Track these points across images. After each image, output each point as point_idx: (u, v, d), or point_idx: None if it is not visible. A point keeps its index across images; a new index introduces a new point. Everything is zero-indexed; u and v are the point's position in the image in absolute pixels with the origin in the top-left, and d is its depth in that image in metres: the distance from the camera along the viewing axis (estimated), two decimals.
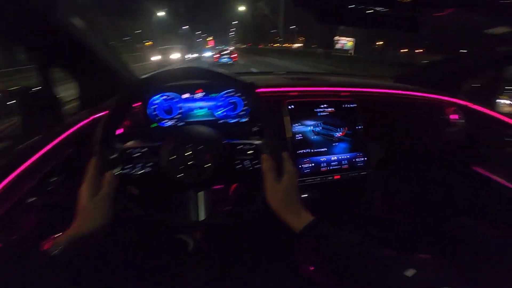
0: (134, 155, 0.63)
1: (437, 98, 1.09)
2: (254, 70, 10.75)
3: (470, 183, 1.15)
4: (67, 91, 1.06)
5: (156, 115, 0.90)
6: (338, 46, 17.00)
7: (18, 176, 0.65)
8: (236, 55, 16.63)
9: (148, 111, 0.89)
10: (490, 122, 1.07)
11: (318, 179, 0.89)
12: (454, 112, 1.07)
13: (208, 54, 25.17)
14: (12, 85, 0.89)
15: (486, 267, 0.85)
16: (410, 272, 0.45)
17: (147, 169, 0.62)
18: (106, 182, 0.56)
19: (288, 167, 0.60)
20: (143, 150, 0.63)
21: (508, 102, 1.24)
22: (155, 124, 0.90)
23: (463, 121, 1.08)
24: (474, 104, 1.09)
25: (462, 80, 1.20)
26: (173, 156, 0.60)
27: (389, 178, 1.03)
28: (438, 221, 1.21)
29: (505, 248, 1.05)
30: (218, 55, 16.04)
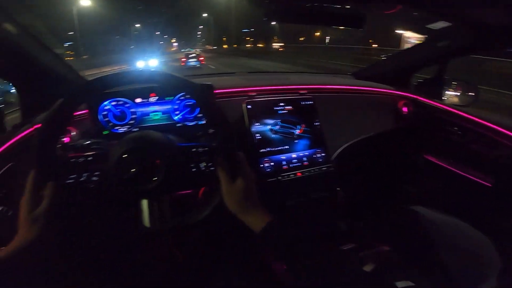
0: (79, 164, 0.59)
1: (390, 92, 1.15)
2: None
3: (423, 171, 1.23)
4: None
5: (109, 121, 0.86)
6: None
7: None
8: (203, 58, 16.42)
9: (99, 118, 0.85)
10: (438, 113, 1.15)
11: (280, 177, 0.90)
12: (405, 105, 1.14)
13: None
14: None
15: (442, 255, 0.91)
16: (369, 267, 0.46)
17: (94, 178, 0.59)
18: (46, 194, 0.53)
19: (244, 169, 0.59)
20: (88, 158, 0.60)
21: (453, 93, 1.34)
22: (107, 131, 0.86)
23: (413, 113, 1.15)
24: (423, 97, 1.17)
25: (410, 74, 1.27)
26: (120, 162, 0.57)
27: (348, 172, 1.07)
28: (397, 210, 1.28)
29: (458, 231, 1.14)
30: (185, 58, 15.75)
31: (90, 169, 0.59)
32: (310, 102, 0.97)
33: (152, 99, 0.88)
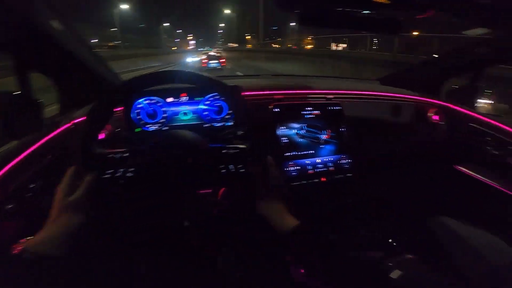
0: (116, 160, 0.62)
1: (420, 100, 1.11)
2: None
3: (453, 182, 1.18)
4: (48, 95, 1.04)
5: (140, 119, 0.89)
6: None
7: None
8: (224, 60, 16.49)
9: (132, 115, 0.88)
10: (470, 122, 1.11)
11: (305, 181, 0.90)
12: (436, 113, 1.10)
13: (190, 59, 21.41)
14: None
15: (469, 265, 0.88)
16: (395, 274, 0.45)
17: (129, 174, 0.61)
18: (83, 184, 0.56)
19: (273, 172, 0.60)
20: (124, 155, 0.62)
21: (487, 102, 1.28)
22: (139, 129, 0.90)
23: (444, 121, 1.11)
24: (455, 105, 1.12)
25: (443, 82, 1.23)
26: (154, 159, 0.60)
27: (374, 180, 1.05)
28: (423, 220, 1.24)
29: (485, 243, 1.09)
30: (207, 60, 15.97)
31: (126, 164, 0.61)
32: (338, 108, 0.96)
33: (183, 99, 0.90)
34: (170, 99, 0.90)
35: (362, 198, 0.95)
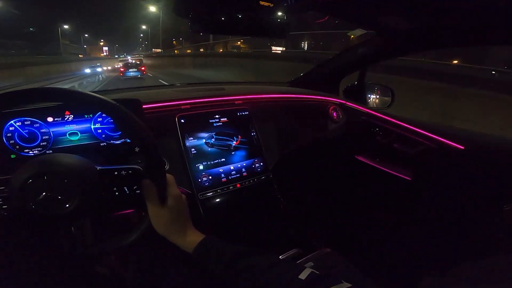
0: None
1: (320, 99, 1.23)
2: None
3: (355, 171, 1.34)
4: None
5: (15, 144, 0.74)
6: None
7: None
8: (145, 67, 15.40)
9: (3, 140, 0.73)
10: (362, 116, 1.28)
11: (219, 190, 0.88)
12: (335, 110, 1.24)
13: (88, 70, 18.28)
14: None
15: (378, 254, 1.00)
16: (303, 275, 0.46)
17: (3, 212, 0.53)
18: None
19: (173, 191, 0.57)
20: None
21: (374, 97, 1.50)
22: (14, 155, 0.74)
23: (343, 117, 1.26)
24: (349, 101, 1.28)
25: (338, 81, 1.39)
26: (23, 189, 0.51)
27: (287, 179, 1.11)
28: (337, 211, 1.38)
29: (392, 226, 1.28)
30: (124, 68, 14.60)
31: None
32: (246, 113, 0.98)
33: (68, 117, 0.79)
34: (50, 119, 0.77)
35: (276, 198, 0.99)
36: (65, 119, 0.78)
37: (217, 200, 0.89)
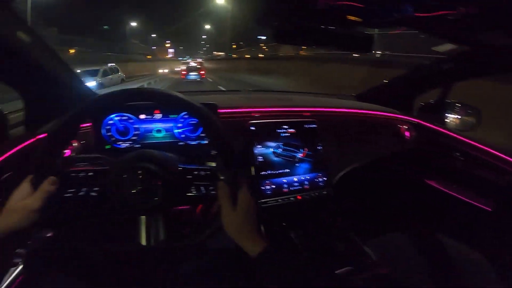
0: (79, 179, 0.59)
1: (392, 116, 1.15)
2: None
3: (424, 196, 1.22)
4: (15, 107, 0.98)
5: (111, 136, 0.86)
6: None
7: None
8: (204, 72, 16.01)
9: (102, 132, 0.85)
10: (439, 138, 1.16)
11: (280, 200, 0.90)
12: (408, 130, 1.15)
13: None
14: None
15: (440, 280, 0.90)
16: None
17: (93, 193, 0.59)
18: (40, 189, 0.54)
19: (245, 194, 0.60)
20: (89, 174, 0.60)
21: (455, 117, 1.35)
22: (109, 146, 0.86)
23: (416, 138, 1.16)
24: (425, 121, 1.17)
25: (413, 98, 1.28)
26: (119, 182, 0.57)
27: (349, 195, 1.07)
28: (397, 233, 1.28)
29: (460, 255, 1.14)
30: (186, 71, 15.52)
31: (90, 184, 0.59)
32: (313, 126, 0.97)
33: (156, 116, 0.88)
34: (142, 116, 0.88)
35: (337, 214, 0.96)
36: (154, 117, 0.88)
37: (277, 209, 0.90)
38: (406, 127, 1.14)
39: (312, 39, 0.75)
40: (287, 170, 0.92)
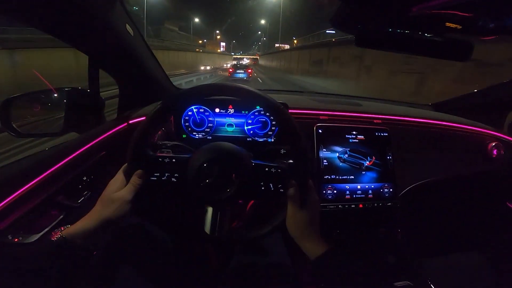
0: (164, 164, 0.63)
1: (478, 131, 1.03)
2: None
3: (503, 220, 1.08)
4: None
5: (188, 126, 0.94)
6: None
7: (50, 174, 0.66)
8: (251, 70, 15.37)
9: (181, 122, 0.94)
10: None
11: (341, 206, 0.88)
12: (496, 147, 1.01)
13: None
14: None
15: None
16: None
17: (173, 179, 0.63)
18: (131, 182, 0.58)
19: (312, 196, 0.60)
20: (173, 160, 0.64)
21: None
22: (185, 135, 0.94)
23: (504, 157, 1.01)
24: None
25: (504, 112, 1.12)
26: (199, 170, 0.60)
27: (416, 210, 1.00)
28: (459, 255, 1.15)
29: None
30: (232, 69, 15.02)
31: (172, 170, 0.63)
32: (385, 134, 0.93)
33: (230, 110, 0.94)
34: (217, 110, 0.94)
35: (396, 227, 0.91)
36: (227, 112, 0.94)
37: (337, 215, 0.89)
38: (494, 144, 1.01)
39: (401, 45, 0.69)
40: (352, 177, 0.90)
